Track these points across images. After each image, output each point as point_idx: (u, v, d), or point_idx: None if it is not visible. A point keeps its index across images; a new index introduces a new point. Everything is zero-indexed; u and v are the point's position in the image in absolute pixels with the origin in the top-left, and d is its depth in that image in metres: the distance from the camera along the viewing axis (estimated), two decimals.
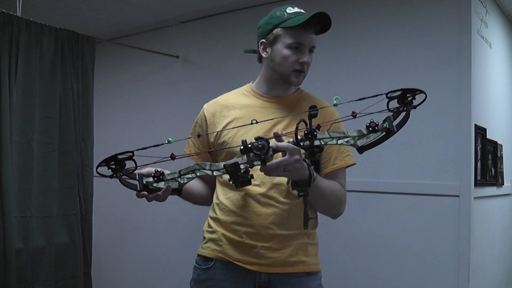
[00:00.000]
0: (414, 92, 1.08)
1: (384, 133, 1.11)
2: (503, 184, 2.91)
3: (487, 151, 2.57)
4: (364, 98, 1.06)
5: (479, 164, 2.41)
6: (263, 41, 1.46)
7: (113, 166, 1.21)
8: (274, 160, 1.19)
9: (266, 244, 1.40)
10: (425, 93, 1.08)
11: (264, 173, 1.21)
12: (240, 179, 1.20)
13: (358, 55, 2.62)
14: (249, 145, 1.16)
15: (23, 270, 2.43)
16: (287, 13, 1.42)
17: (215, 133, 1.47)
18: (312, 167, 1.27)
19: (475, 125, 2.34)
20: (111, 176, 1.21)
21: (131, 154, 1.20)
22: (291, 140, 1.20)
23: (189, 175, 1.25)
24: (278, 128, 1.41)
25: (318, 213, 1.50)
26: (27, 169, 2.48)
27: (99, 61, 2.92)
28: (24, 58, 2.45)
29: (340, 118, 1.08)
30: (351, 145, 1.14)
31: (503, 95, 2.98)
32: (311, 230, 1.48)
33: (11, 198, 2.38)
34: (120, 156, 1.20)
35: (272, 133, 1.28)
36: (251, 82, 1.56)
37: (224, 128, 1.46)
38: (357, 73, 2.60)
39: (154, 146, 1.32)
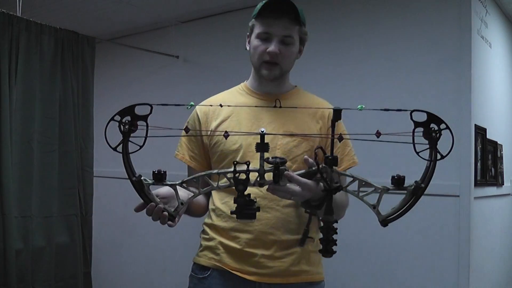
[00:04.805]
0: (439, 121, 0.96)
1: (414, 197, 1.03)
2: (503, 184, 2.91)
3: (487, 151, 2.57)
4: (388, 110, 0.96)
5: (479, 164, 2.41)
6: (247, 35, 1.42)
7: (125, 125, 0.97)
8: (282, 187, 1.10)
9: (267, 252, 1.31)
10: (451, 133, 0.98)
11: (270, 191, 1.12)
12: (244, 211, 1.02)
13: (358, 56, 2.61)
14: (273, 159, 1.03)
15: (23, 270, 2.43)
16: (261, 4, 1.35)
17: (208, 132, 1.40)
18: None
19: (475, 125, 2.34)
20: (114, 148, 1.01)
21: (149, 107, 0.97)
22: (313, 167, 1.08)
23: (192, 188, 1.02)
24: (274, 128, 1.35)
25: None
26: (27, 169, 2.47)
27: (99, 61, 2.91)
28: (24, 58, 2.45)
29: (362, 133, 0.98)
30: (375, 212, 1.07)
31: (503, 95, 2.98)
32: (312, 236, 1.41)
33: (11, 198, 2.38)
34: (137, 112, 0.96)
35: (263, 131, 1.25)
36: (245, 81, 1.50)
37: (217, 126, 1.39)
38: (357, 73, 2.60)
39: (175, 105, 1.17)
